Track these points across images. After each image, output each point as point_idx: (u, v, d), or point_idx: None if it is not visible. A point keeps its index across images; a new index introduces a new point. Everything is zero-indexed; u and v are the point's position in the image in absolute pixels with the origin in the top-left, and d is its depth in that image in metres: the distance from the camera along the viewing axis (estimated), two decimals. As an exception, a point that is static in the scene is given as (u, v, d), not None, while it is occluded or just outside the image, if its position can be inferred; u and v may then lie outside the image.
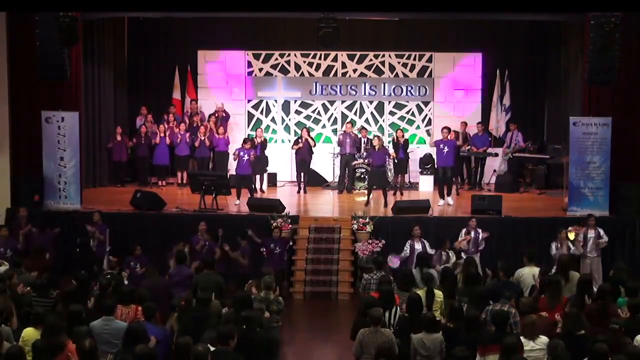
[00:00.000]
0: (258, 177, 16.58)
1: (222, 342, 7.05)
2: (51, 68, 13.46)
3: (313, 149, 17.00)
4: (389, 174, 16.47)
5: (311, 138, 17.04)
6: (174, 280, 10.48)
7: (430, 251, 11.98)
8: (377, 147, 15.40)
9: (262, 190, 16.66)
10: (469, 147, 17.17)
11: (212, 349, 6.91)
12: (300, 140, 16.83)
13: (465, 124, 17.72)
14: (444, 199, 15.49)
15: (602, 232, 12.68)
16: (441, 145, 15.42)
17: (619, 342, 7.25)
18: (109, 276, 10.04)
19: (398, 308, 8.59)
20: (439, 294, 9.07)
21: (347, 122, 17.67)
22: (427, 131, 18.68)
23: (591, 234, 12.61)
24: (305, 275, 13.31)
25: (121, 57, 18.21)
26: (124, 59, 18.39)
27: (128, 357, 6.73)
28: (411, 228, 12.44)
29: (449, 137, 15.56)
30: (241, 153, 15.45)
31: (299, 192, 16.99)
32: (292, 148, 17.29)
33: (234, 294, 9.17)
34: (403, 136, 16.96)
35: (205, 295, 8.44)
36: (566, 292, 9.18)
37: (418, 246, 12.08)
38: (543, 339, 7.44)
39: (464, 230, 12.60)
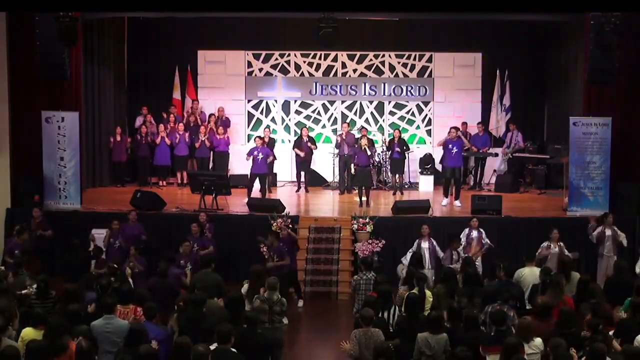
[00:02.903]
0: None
1: (221, 341, 7.05)
2: (51, 68, 13.45)
3: (313, 149, 17.07)
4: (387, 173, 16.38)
5: (312, 142, 17.06)
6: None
7: (440, 252, 11.96)
8: (363, 147, 15.37)
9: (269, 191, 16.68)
10: (469, 147, 17.16)
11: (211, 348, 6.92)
12: (302, 145, 16.80)
13: (466, 124, 17.72)
14: (447, 198, 15.25)
15: (618, 230, 12.31)
16: (450, 145, 15.09)
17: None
18: (112, 276, 10.05)
19: (397, 308, 8.59)
20: (429, 294, 9.15)
21: (344, 123, 17.67)
22: (427, 131, 18.69)
23: (609, 232, 12.26)
24: (305, 275, 13.30)
25: (121, 57, 18.21)
26: (124, 59, 18.40)
27: (128, 357, 6.73)
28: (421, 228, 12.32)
29: (457, 138, 15.21)
30: (255, 152, 15.50)
31: (297, 191, 17.00)
32: (293, 149, 17.29)
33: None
34: (400, 136, 16.94)
35: (200, 296, 8.41)
36: (566, 292, 9.21)
37: (425, 245, 12.01)
38: (537, 342, 7.43)
39: (466, 230, 12.54)
